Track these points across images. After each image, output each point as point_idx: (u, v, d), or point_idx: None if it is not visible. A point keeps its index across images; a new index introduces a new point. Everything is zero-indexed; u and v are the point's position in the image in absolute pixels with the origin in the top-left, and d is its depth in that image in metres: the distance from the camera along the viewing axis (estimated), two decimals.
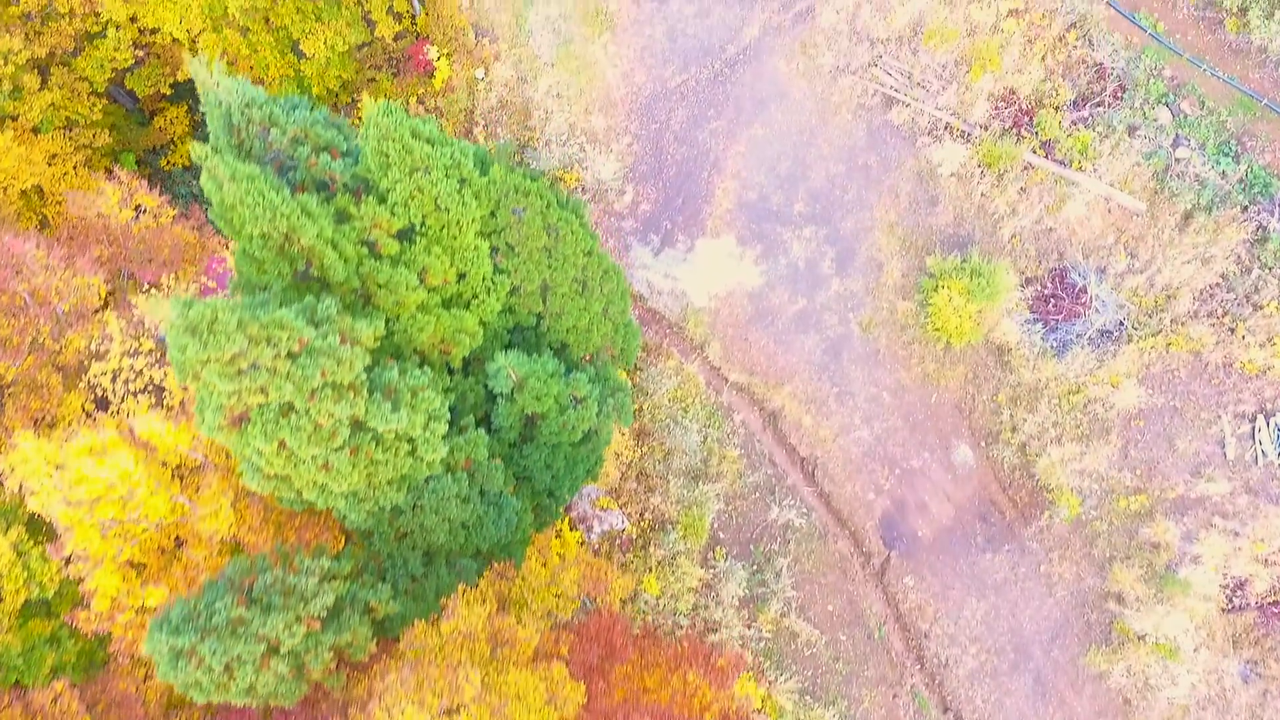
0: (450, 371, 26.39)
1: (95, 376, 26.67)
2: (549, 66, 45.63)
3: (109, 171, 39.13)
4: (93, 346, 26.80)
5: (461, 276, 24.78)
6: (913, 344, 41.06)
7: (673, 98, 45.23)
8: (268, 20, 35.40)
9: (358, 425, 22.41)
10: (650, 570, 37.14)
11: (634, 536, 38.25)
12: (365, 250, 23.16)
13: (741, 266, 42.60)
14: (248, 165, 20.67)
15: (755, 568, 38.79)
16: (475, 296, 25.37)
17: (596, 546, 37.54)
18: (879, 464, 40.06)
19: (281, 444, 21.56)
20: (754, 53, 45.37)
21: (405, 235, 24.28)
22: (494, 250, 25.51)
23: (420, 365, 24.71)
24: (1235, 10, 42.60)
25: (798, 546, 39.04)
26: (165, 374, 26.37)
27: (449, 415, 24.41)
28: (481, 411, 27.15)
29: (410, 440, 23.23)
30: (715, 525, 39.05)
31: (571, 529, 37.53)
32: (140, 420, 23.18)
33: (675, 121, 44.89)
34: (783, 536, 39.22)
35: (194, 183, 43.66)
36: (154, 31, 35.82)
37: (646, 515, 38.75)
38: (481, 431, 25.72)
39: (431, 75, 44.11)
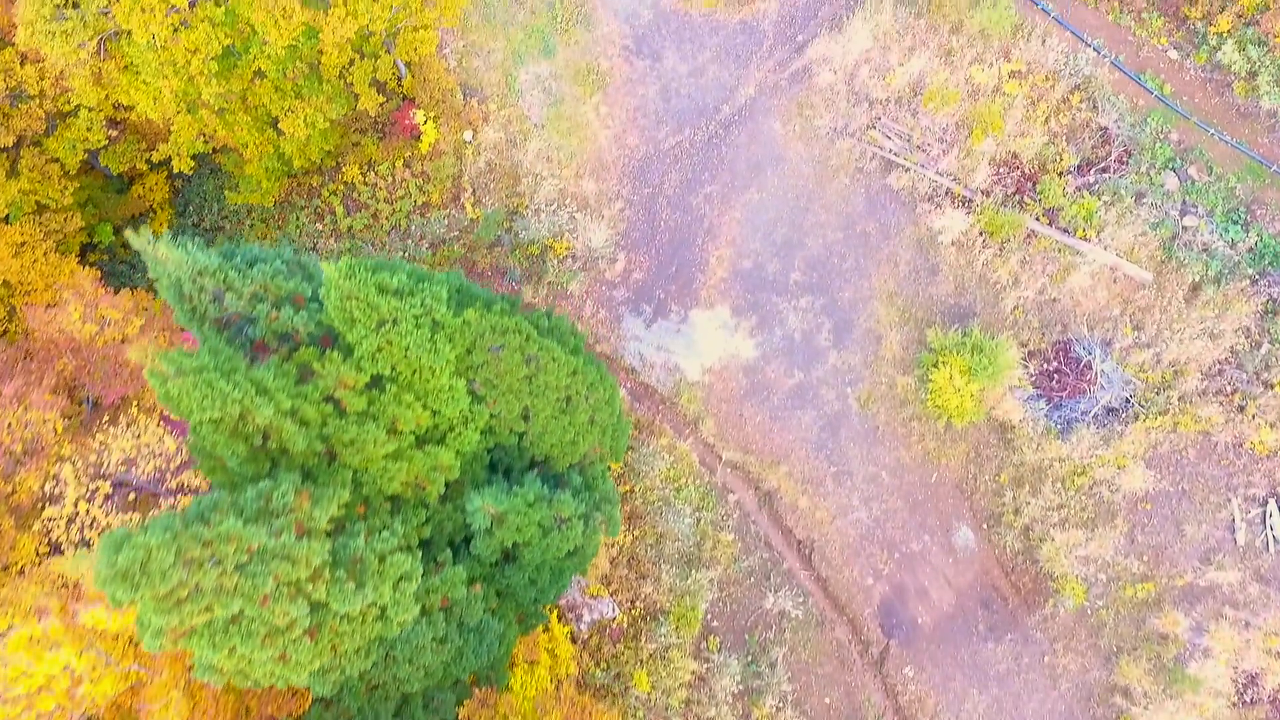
0: (425, 504, 25.25)
1: (49, 521, 25.41)
2: (539, 128, 44.44)
3: (82, 255, 37.98)
4: (46, 489, 25.66)
5: (435, 414, 23.64)
6: (912, 421, 39.86)
7: (666, 160, 44.04)
8: (245, 99, 34.23)
9: (318, 606, 21.24)
10: (641, 664, 35.96)
11: (624, 626, 37.06)
12: (330, 408, 22.01)
13: (736, 338, 41.42)
14: (194, 358, 19.52)
15: (750, 658, 37.59)
16: (452, 429, 24.24)
17: (585, 638, 36.34)
18: (878, 547, 38.87)
19: (232, 649, 20.32)
20: (749, 113, 44.20)
21: (375, 383, 23.11)
22: (471, 383, 24.35)
23: (392, 512, 23.53)
24: (1244, 74, 41.40)
25: (794, 635, 37.85)
26: (124, 519, 25.28)
27: (426, 548, 23.25)
28: (461, 535, 26.01)
29: (379, 605, 22.07)
30: (708, 614, 37.87)
31: (560, 619, 36.36)
32: (85, 609, 21.99)
33: (669, 186, 43.71)
34: (778, 625, 38.03)
35: None
36: (129, 108, 34.65)
37: (638, 604, 37.56)
38: (459, 568, 24.53)
39: (418, 139, 42.91)
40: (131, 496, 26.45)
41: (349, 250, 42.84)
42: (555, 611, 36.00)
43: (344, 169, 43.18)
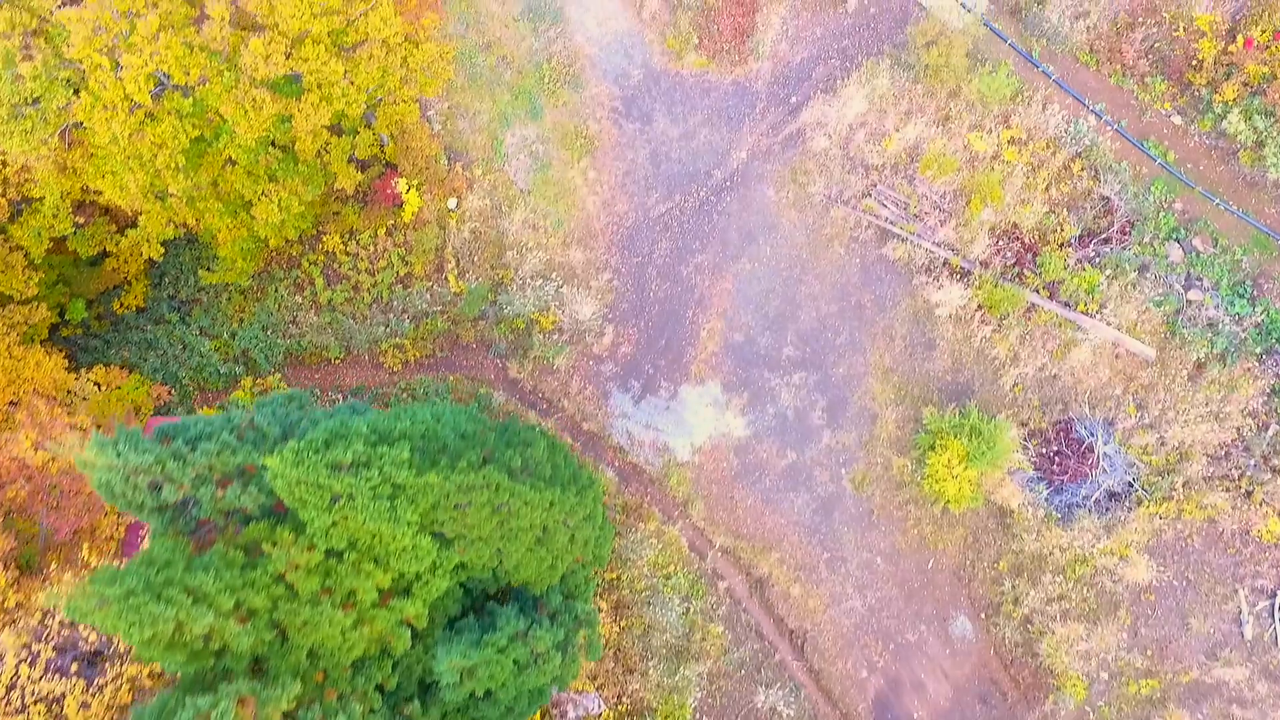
0: (389, 655, 24.07)
1: None
2: (525, 194, 43.28)
3: (53, 330, 36.77)
4: None
5: (400, 574, 22.48)
6: (908, 504, 38.69)
7: (656, 228, 42.88)
8: (216, 184, 33.07)
9: None
10: None
11: None
12: (282, 589, 20.85)
13: (727, 416, 40.24)
14: (116, 587, 18.39)
15: None
16: (419, 578, 23.09)
17: None
18: (872, 637, 37.68)
19: None
20: (742, 179, 43.02)
21: (331, 553, 21.94)
22: (438, 534, 23.19)
23: (354, 674, 22.34)
24: (1250, 144, 40.17)
25: None
26: (68, 686, 24.09)
27: (390, 697, 22.08)
28: (430, 676, 24.85)
29: None
30: (697, 710, 36.71)
31: (542, 717, 35.18)
32: None
33: (658, 255, 42.54)
34: None
35: (149, 328, 41.31)
36: (98, 191, 33.48)
37: (624, 700, 36.41)
38: (429, 717, 23.36)
39: (401, 206, 41.74)
40: (75, 667, 25.24)
41: (329, 324, 41.67)
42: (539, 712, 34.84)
43: (324, 238, 42.04)
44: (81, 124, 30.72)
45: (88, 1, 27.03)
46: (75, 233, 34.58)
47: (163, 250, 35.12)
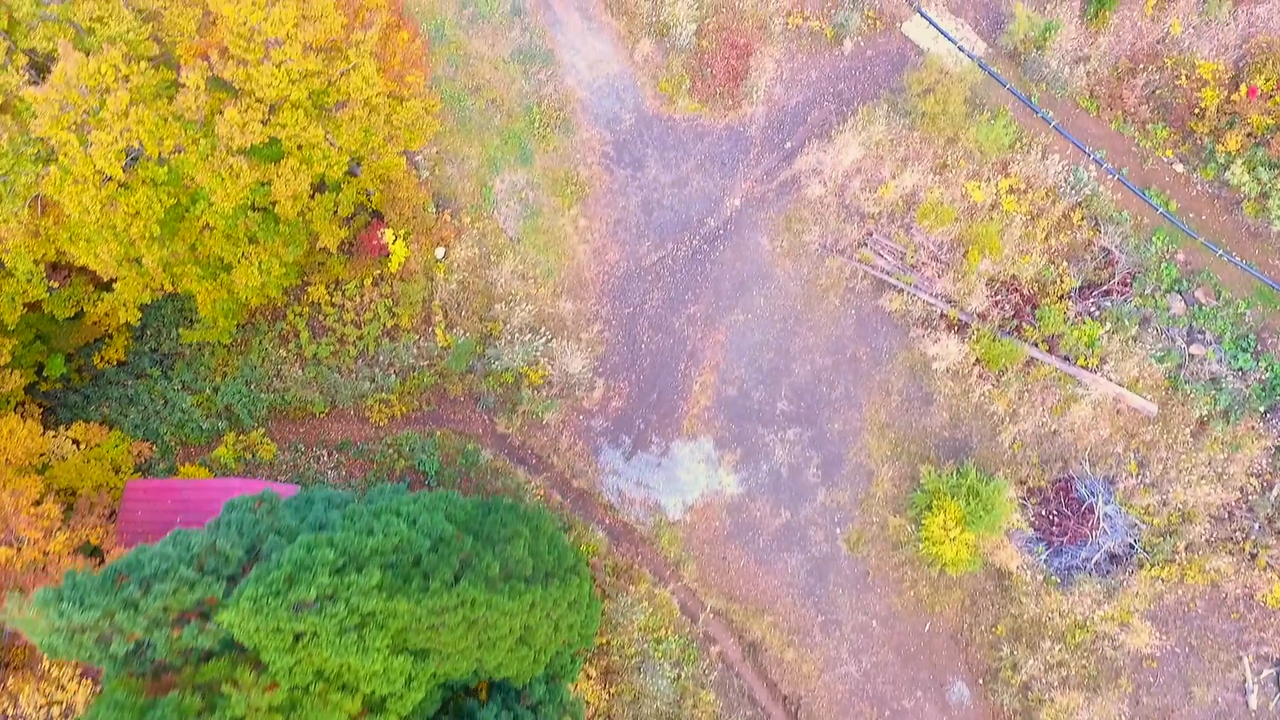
0: None
1: None
2: (515, 243, 42.46)
3: (22, 405, 35.98)
4: None
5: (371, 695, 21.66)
6: (904, 565, 37.87)
7: (648, 278, 42.05)
8: (194, 248, 32.20)
9: None
10: None
11: None
12: None
13: (720, 473, 39.42)
14: None
15: None
16: (393, 693, 22.25)
17: None
18: (868, 703, 36.86)
19: None
20: (735, 227, 42.21)
21: (296, 687, 21.13)
22: (411, 652, 22.32)
23: None
24: (1254, 195, 39.31)
25: None
26: None
27: None
28: None
29: None
30: None
31: None
32: None
33: (650, 305, 41.71)
34: None
35: (130, 383, 40.49)
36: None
37: None
38: None
39: (387, 257, 40.90)
40: None
41: (314, 379, 40.83)
42: None
43: (310, 289, 41.20)
44: None
45: (53, 79, 26.15)
46: (50, 295, 33.77)
47: (140, 314, 34.30)
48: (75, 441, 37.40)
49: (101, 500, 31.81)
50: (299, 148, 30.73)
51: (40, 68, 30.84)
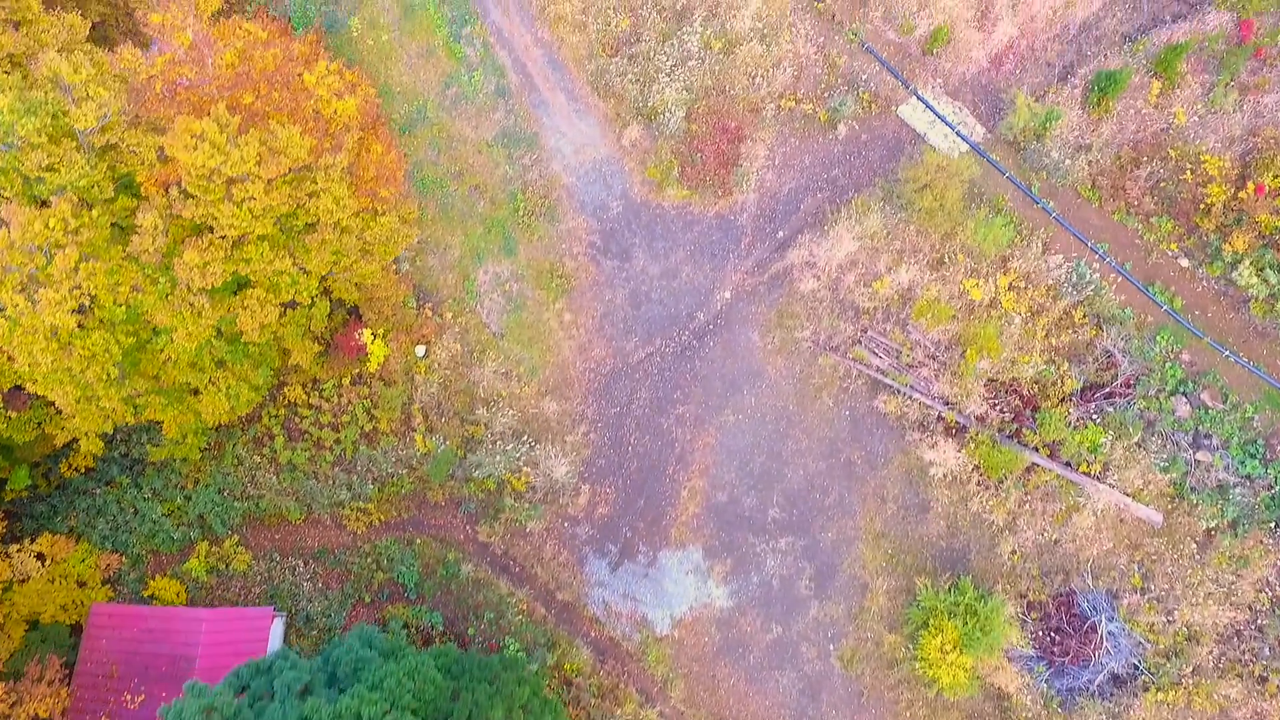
0: None
1: None
2: (498, 338, 41.09)
3: None
4: None
5: None
6: (900, 685, 36.55)
7: (635, 375, 40.69)
8: (158, 378, 30.82)
9: None
10: None
11: None
12: None
13: (709, 585, 38.08)
14: None
15: None
16: None
17: None
18: None
19: None
20: (725, 321, 40.85)
21: None
22: None
23: None
24: (1263, 296, 37.94)
25: None
26: None
27: None
28: None
29: None
30: None
31: None
32: None
33: (637, 405, 40.36)
34: None
35: (98, 491, 39.09)
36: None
37: None
38: None
39: (366, 357, 39.51)
40: None
41: (290, 485, 39.43)
42: None
43: (285, 389, 39.80)
44: None
45: None
46: (9, 422, 32.40)
47: (103, 445, 32.97)
48: (39, 556, 36.07)
49: (52, 665, 30.32)
50: (266, 277, 29.36)
51: None
